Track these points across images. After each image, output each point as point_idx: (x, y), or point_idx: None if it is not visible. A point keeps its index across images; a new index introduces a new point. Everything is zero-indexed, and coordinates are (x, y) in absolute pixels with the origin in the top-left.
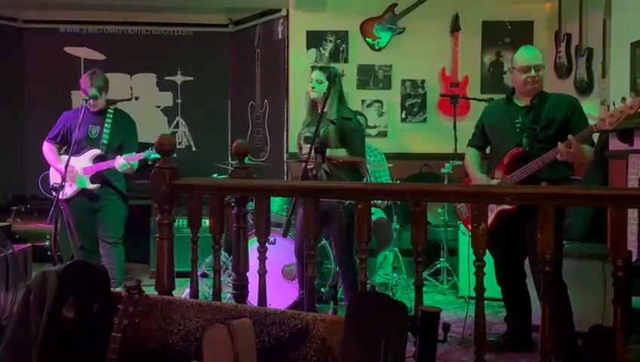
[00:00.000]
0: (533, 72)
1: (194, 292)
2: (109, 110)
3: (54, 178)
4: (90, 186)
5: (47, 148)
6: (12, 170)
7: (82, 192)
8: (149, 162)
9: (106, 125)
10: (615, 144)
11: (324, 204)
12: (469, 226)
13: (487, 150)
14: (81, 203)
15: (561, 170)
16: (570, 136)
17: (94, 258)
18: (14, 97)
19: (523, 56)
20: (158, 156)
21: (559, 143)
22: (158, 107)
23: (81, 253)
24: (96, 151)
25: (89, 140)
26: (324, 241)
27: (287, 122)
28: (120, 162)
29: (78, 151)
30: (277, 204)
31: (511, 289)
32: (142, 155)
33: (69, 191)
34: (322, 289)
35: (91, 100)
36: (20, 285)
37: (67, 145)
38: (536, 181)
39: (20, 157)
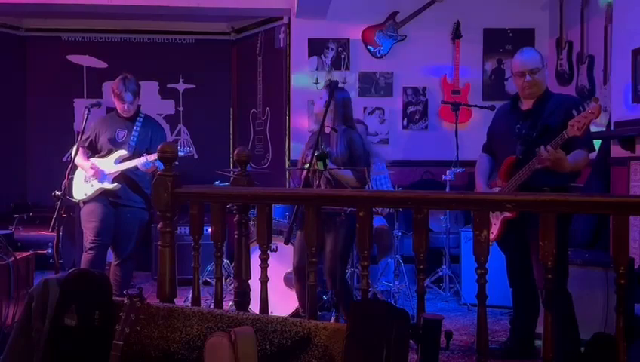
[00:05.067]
0: (528, 77)
1: (196, 300)
2: (140, 115)
3: (79, 183)
4: (111, 186)
5: (80, 152)
6: (14, 178)
7: (103, 193)
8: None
9: (135, 129)
10: (617, 151)
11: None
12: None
13: None
14: (101, 203)
15: (562, 177)
16: (542, 147)
17: (102, 260)
18: (17, 105)
19: (517, 61)
20: (183, 154)
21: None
22: (160, 115)
23: (91, 253)
24: (122, 152)
25: (115, 143)
26: None
27: (288, 130)
28: (142, 160)
29: (104, 154)
30: (278, 211)
31: (519, 292)
32: None
33: (89, 191)
34: (324, 297)
35: (126, 106)
36: (22, 293)
37: (95, 151)
38: (538, 189)
39: (22, 165)
